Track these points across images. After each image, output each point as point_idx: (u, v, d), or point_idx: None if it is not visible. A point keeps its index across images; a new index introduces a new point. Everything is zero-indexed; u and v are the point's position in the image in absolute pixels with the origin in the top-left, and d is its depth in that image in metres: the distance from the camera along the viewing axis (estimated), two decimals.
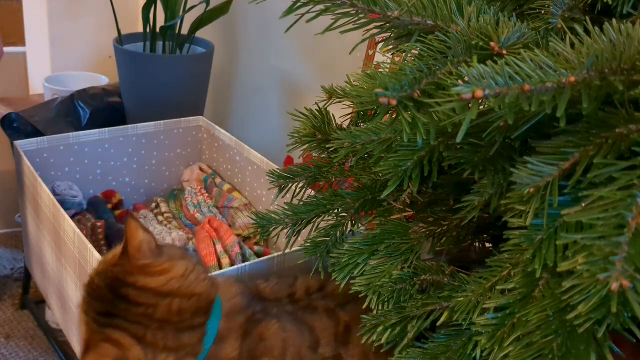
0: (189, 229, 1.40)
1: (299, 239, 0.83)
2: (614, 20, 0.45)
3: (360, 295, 0.67)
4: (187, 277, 0.77)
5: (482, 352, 0.52)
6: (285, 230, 0.83)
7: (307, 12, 0.57)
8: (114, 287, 0.75)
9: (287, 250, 0.86)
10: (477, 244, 0.72)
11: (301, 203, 0.81)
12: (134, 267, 0.76)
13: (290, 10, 0.58)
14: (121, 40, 1.63)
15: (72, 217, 1.34)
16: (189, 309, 0.75)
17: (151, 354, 0.73)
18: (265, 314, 0.81)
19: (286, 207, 0.82)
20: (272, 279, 0.88)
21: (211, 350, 0.75)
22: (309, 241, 0.81)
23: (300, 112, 0.84)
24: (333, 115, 0.84)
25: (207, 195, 1.48)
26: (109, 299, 0.75)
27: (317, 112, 0.83)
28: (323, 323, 0.82)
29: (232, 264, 1.16)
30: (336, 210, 0.79)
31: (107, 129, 1.43)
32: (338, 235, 0.79)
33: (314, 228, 0.82)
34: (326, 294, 0.86)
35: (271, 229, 0.83)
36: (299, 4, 0.57)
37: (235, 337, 0.77)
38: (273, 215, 0.82)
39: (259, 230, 0.84)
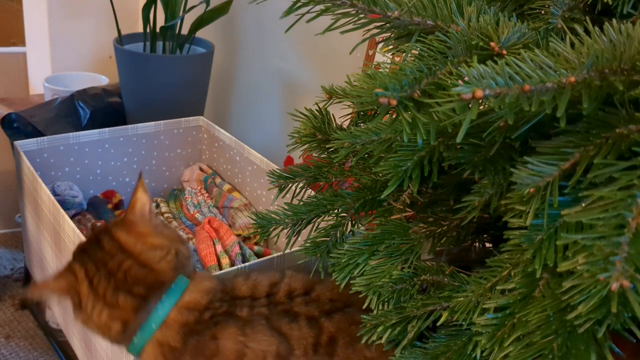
0: (189, 229, 1.40)
1: (299, 238, 0.83)
2: (614, 20, 0.45)
3: (360, 296, 0.67)
4: (154, 251, 0.80)
5: (482, 352, 0.52)
6: (285, 230, 0.82)
7: (307, 12, 0.57)
8: (99, 231, 0.84)
9: (287, 250, 0.86)
10: (477, 244, 0.72)
11: (301, 203, 0.81)
12: (122, 220, 0.83)
13: (290, 10, 0.58)
14: (121, 40, 1.63)
15: (72, 217, 1.34)
16: (136, 275, 0.79)
17: (92, 298, 0.79)
18: (227, 316, 0.79)
19: (286, 207, 0.82)
20: (254, 274, 0.85)
21: (157, 333, 0.78)
22: (309, 241, 0.81)
23: (300, 112, 0.84)
24: (333, 115, 0.84)
25: (207, 195, 1.48)
26: (91, 239, 0.83)
27: (317, 112, 0.83)
28: (301, 332, 0.78)
29: (232, 264, 1.16)
30: (336, 211, 0.79)
31: (107, 129, 1.43)
32: (338, 235, 0.79)
33: (314, 228, 0.82)
34: (311, 299, 0.82)
35: (271, 229, 0.83)
36: (299, 4, 0.57)
37: (178, 331, 0.78)
38: (273, 215, 0.82)
39: (258, 230, 0.83)
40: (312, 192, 0.87)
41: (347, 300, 0.80)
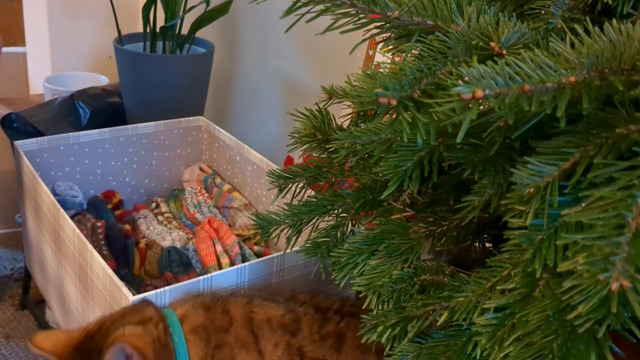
0: (189, 229, 1.40)
1: (300, 239, 0.83)
2: (614, 20, 0.45)
3: (360, 295, 0.67)
4: None
5: (482, 352, 0.52)
6: (286, 231, 0.82)
7: (307, 12, 0.57)
8: None
9: (288, 251, 0.86)
10: (477, 244, 0.72)
11: (301, 203, 0.81)
12: None
13: (290, 10, 0.58)
14: (121, 40, 1.63)
15: (72, 217, 1.34)
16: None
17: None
18: (225, 297, 0.84)
19: (286, 208, 0.82)
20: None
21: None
22: (309, 242, 0.81)
23: (300, 112, 0.84)
24: (333, 115, 0.84)
25: (207, 195, 1.48)
26: None
27: (317, 112, 0.83)
28: (307, 314, 0.82)
29: (231, 264, 1.16)
30: (336, 211, 0.79)
31: (107, 129, 1.43)
32: (338, 235, 0.79)
33: (314, 229, 0.82)
34: (319, 295, 0.87)
35: (271, 230, 0.83)
36: (299, 4, 0.57)
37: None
38: (273, 216, 0.82)
39: (259, 231, 0.83)
40: (312, 192, 0.87)
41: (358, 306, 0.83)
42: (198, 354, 0.80)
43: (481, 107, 0.46)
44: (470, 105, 0.41)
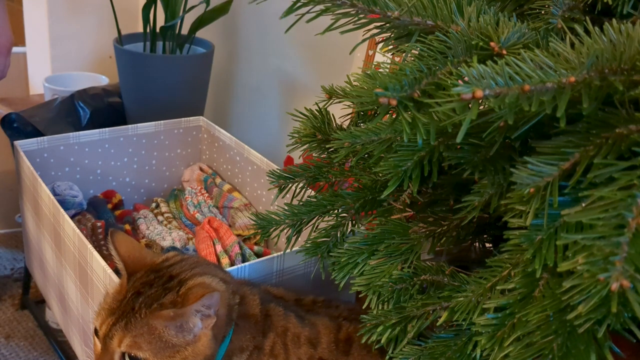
0: (189, 229, 1.40)
1: (299, 239, 0.83)
2: (614, 20, 0.45)
3: (360, 295, 0.67)
4: None
5: (482, 352, 0.52)
6: (286, 231, 0.82)
7: (307, 12, 0.57)
8: None
9: (288, 251, 0.86)
10: (477, 244, 0.72)
11: (301, 203, 0.81)
12: None
13: (290, 10, 0.58)
14: (121, 40, 1.63)
15: (72, 217, 1.34)
16: None
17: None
18: (268, 301, 0.85)
19: (286, 208, 0.82)
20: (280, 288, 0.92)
21: None
22: (309, 242, 0.81)
23: (300, 112, 0.84)
24: (333, 115, 0.84)
25: (207, 195, 1.48)
26: None
27: (317, 112, 0.83)
28: (325, 325, 0.84)
29: (231, 264, 1.16)
30: (336, 211, 0.79)
31: (107, 129, 1.43)
32: (338, 235, 0.79)
33: (314, 229, 0.82)
34: (331, 305, 0.88)
35: (271, 230, 0.83)
36: (299, 4, 0.57)
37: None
38: (273, 216, 0.82)
39: (259, 231, 0.84)
40: (312, 192, 0.87)
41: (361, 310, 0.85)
42: (239, 342, 0.81)
43: (481, 107, 0.46)
44: (470, 105, 0.41)
